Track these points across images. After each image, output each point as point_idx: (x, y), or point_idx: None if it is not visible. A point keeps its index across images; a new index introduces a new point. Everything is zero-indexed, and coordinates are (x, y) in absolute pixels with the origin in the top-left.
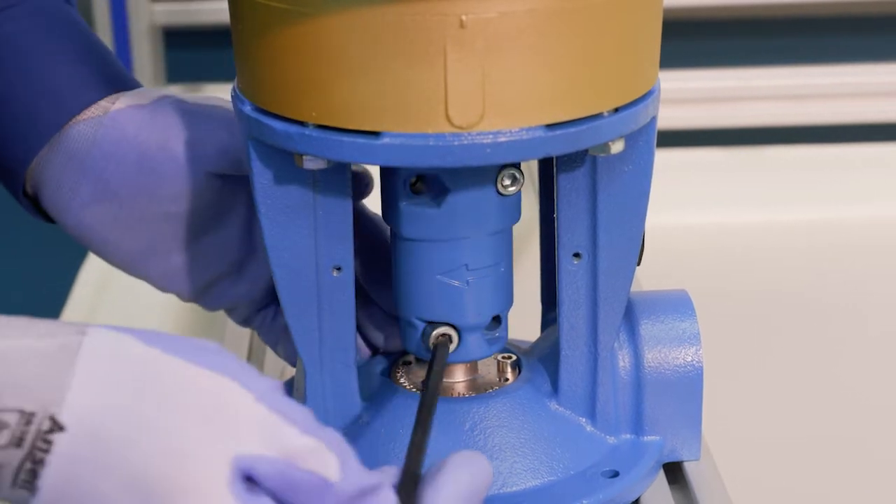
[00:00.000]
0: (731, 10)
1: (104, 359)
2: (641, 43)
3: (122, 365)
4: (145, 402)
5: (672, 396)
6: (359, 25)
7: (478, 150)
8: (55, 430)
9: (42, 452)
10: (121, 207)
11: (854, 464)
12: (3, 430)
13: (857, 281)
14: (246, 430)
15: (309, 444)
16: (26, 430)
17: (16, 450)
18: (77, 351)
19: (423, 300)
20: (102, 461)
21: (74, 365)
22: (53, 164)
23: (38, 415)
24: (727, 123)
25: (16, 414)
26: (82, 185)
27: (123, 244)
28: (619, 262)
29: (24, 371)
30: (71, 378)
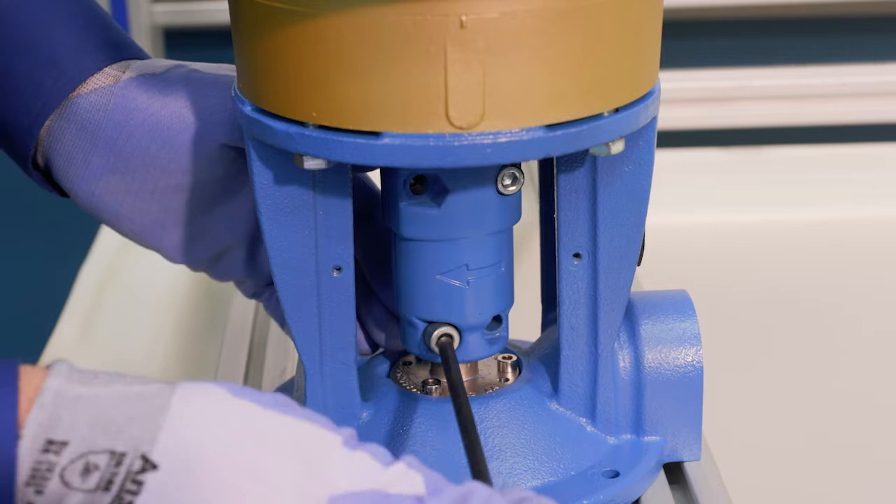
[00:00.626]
0: (730, 10)
1: (196, 403)
2: (642, 43)
3: (214, 410)
4: (239, 444)
5: (672, 397)
6: (359, 25)
7: (478, 151)
8: (147, 469)
9: (131, 495)
10: (133, 178)
11: (855, 464)
12: (92, 472)
13: (857, 281)
14: (337, 471)
15: (395, 470)
16: (116, 471)
17: (103, 494)
18: (170, 395)
19: (423, 300)
20: (196, 500)
21: (168, 407)
22: (64, 134)
23: (129, 455)
24: (727, 123)
25: (106, 455)
26: (94, 156)
27: (135, 216)
28: (619, 263)
29: (116, 413)
30: (164, 419)
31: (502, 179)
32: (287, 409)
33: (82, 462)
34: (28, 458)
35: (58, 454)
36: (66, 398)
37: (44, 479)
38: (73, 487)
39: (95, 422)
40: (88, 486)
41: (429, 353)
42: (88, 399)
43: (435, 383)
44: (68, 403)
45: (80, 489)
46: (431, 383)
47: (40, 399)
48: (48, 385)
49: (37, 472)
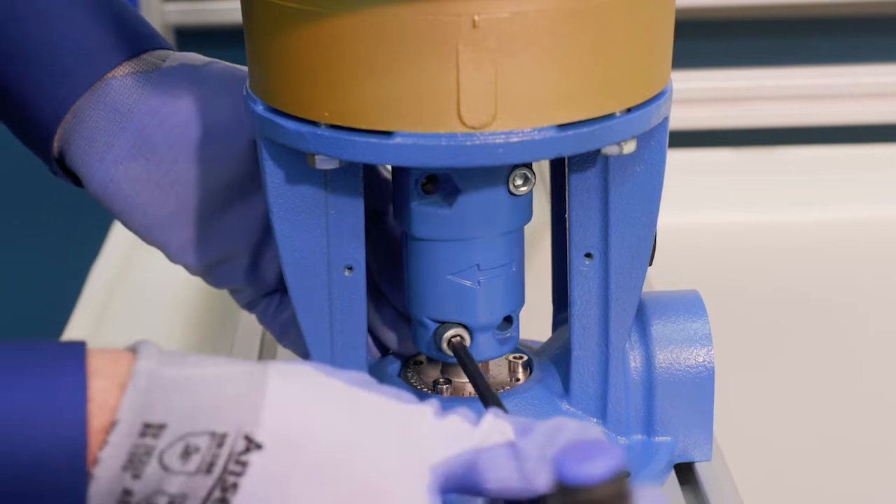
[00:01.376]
0: (742, 11)
1: (293, 383)
2: (654, 43)
3: (310, 388)
4: (338, 423)
5: (683, 397)
6: (371, 25)
7: (490, 151)
8: (251, 450)
9: (235, 476)
10: (157, 167)
11: (866, 464)
12: (192, 455)
13: (869, 281)
14: (433, 441)
15: (485, 425)
16: (218, 453)
17: (205, 477)
18: (265, 375)
19: (434, 300)
20: (303, 477)
21: (265, 386)
22: (90, 115)
23: (231, 436)
24: (739, 124)
25: (206, 437)
26: (120, 139)
27: (150, 207)
28: (630, 263)
29: (213, 394)
30: (263, 399)
31: (514, 179)
32: (374, 386)
33: (182, 444)
34: (126, 441)
35: (156, 437)
36: (160, 381)
37: (142, 462)
38: (173, 471)
39: (193, 404)
40: (189, 468)
41: (439, 353)
42: (183, 381)
43: (446, 383)
44: (163, 386)
45: (180, 472)
46: (442, 383)
47: (134, 382)
48: (140, 367)
49: (134, 455)
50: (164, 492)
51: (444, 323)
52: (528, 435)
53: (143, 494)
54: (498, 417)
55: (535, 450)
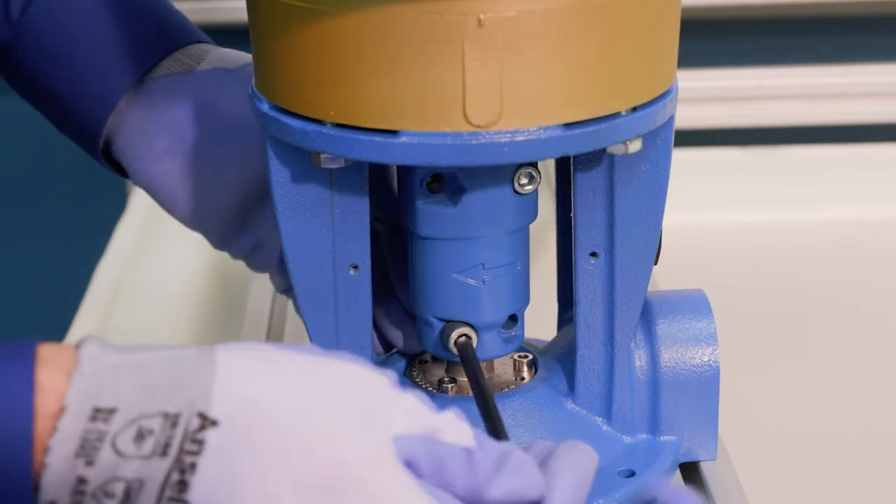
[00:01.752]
0: (747, 10)
1: (243, 356)
2: (660, 42)
3: (262, 361)
4: (293, 391)
5: (689, 396)
6: (377, 24)
7: (495, 150)
8: (206, 427)
9: (192, 456)
10: (195, 166)
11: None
12: (146, 438)
13: (873, 281)
14: (393, 412)
15: (445, 417)
16: (172, 433)
17: (160, 459)
18: (212, 352)
19: (439, 299)
20: (261, 453)
21: (214, 363)
22: (131, 115)
23: (184, 415)
24: (743, 123)
25: (159, 418)
26: (158, 139)
27: (190, 202)
28: (635, 262)
29: (162, 374)
30: (213, 375)
31: (519, 178)
32: (328, 353)
33: (134, 428)
34: (76, 426)
35: (107, 422)
36: (106, 365)
37: (94, 448)
38: (127, 455)
39: (142, 385)
40: (144, 452)
41: (445, 352)
42: (130, 364)
43: (451, 382)
44: (110, 370)
45: (135, 456)
46: (447, 382)
47: (80, 368)
48: (85, 354)
49: (86, 441)
50: (119, 478)
51: (449, 321)
52: (485, 448)
53: (98, 482)
54: (460, 418)
55: (488, 464)
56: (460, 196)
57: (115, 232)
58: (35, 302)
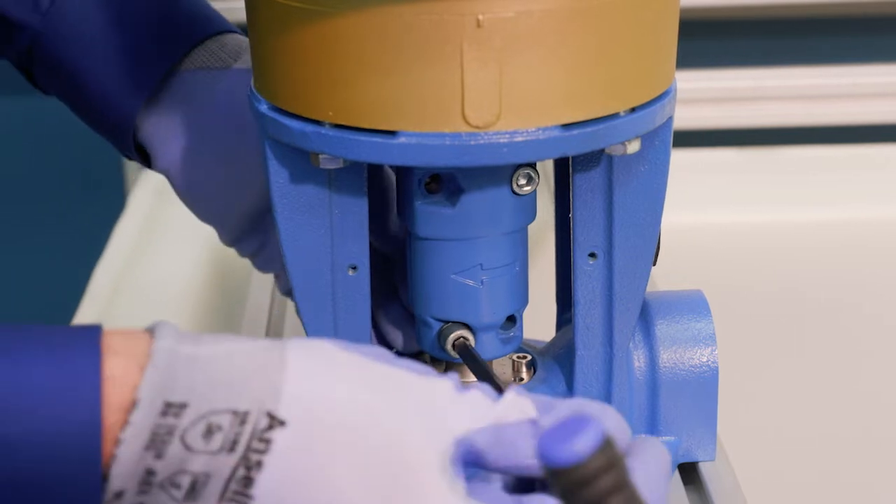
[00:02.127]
0: (745, 11)
1: (312, 357)
2: (658, 43)
3: (329, 363)
4: (359, 396)
5: (687, 397)
6: (376, 25)
7: (494, 150)
8: (274, 427)
9: (259, 454)
10: (222, 165)
11: (871, 464)
12: (215, 433)
13: (871, 281)
14: (455, 413)
15: (506, 401)
16: (240, 431)
17: (228, 455)
18: (284, 350)
19: (437, 299)
20: (328, 453)
21: (285, 361)
22: (164, 102)
23: (254, 413)
24: (741, 123)
25: (228, 415)
26: (190, 131)
27: (211, 201)
28: (634, 262)
29: (233, 371)
30: (283, 375)
31: (517, 179)
32: (394, 360)
33: (204, 423)
34: (147, 421)
35: (177, 416)
36: (179, 359)
37: (164, 442)
38: (196, 450)
39: (213, 381)
40: (212, 447)
41: (443, 353)
42: (203, 359)
43: None
44: (183, 364)
45: (203, 451)
46: None
47: (153, 361)
48: (159, 346)
49: (156, 435)
50: (187, 471)
51: (447, 322)
52: (550, 413)
53: (165, 473)
54: (519, 395)
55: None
56: (459, 196)
57: (114, 231)
58: (34, 301)
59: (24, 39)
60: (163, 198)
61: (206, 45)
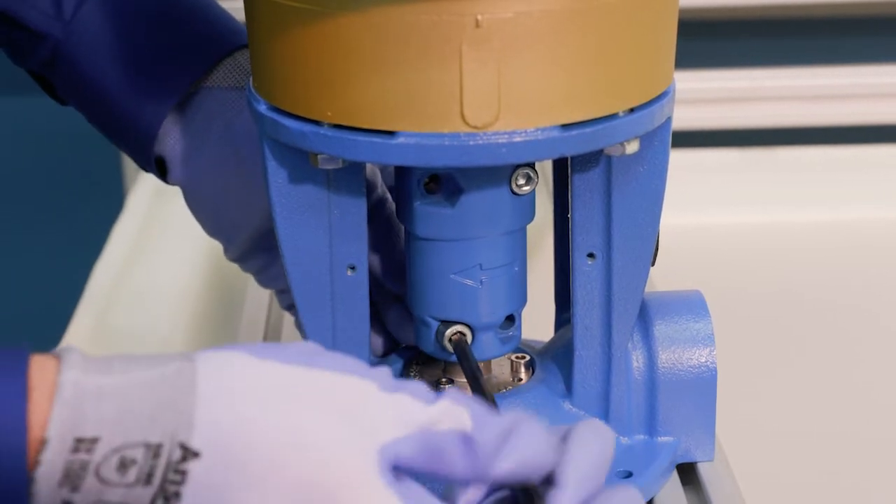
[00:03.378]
0: (743, 11)
1: (223, 377)
2: (657, 43)
3: (242, 380)
4: (275, 412)
5: (686, 397)
6: (375, 25)
7: (493, 150)
8: (188, 458)
9: (175, 485)
10: (237, 181)
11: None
12: (129, 467)
13: (870, 282)
14: (381, 419)
15: (439, 408)
16: (155, 463)
17: (144, 487)
18: (193, 373)
19: (436, 299)
20: (245, 481)
21: (195, 387)
22: (188, 116)
23: (166, 445)
24: (741, 124)
25: (141, 448)
26: (213, 146)
27: (221, 212)
28: (633, 263)
29: (143, 402)
30: (194, 399)
31: (516, 179)
32: (314, 359)
33: (117, 458)
34: (59, 458)
35: (90, 452)
36: (86, 392)
37: (78, 477)
38: (112, 483)
39: (123, 413)
40: (128, 480)
41: (442, 352)
42: (110, 390)
43: (448, 382)
44: (90, 397)
45: (119, 484)
46: (444, 382)
47: (60, 395)
48: (65, 379)
49: (70, 471)
50: (105, 501)
51: (446, 322)
52: (484, 429)
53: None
54: (455, 403)
55: (490, 444)
56: (458, 197)
57: (112, 233)
58: (32, 302)
59: (46, 49)
60: (161, 198)
61: (234, 57)
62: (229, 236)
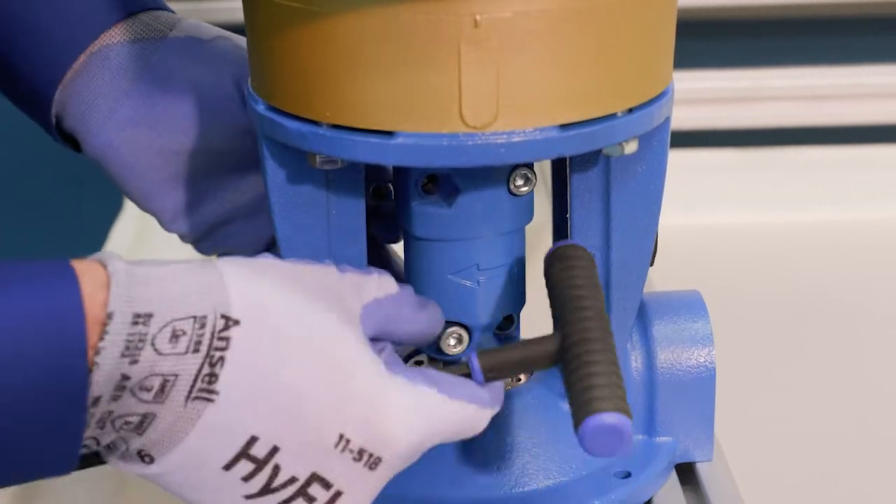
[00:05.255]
0: (745, 11)
1: (239, 265)
2: (656, 43)
3: (254, 269)
4: (291, 292)
5: (685, 397)
6: (373, 25)
7: (491, 151)
8: (230, 326)
9: (220, 351)
10: (158, 135)
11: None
12: (179, 338)
13: (872, 282)
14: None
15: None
16: (202, 333)
17: (193, 356)
18: (214, 264)
19: (434, 299)
20: (278, 344)
21: (221, 271)
22: (93, 80)
23: (210, 317)
24: (741, 124)
25: (189, 320)
26: (124, 106)
27: (148, 172)
28: (631, 263)
29: (183, 284)
30: (224, 280)
31: (514, 180)
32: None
33: (169, 329)
34: (121, 330)
35: (146, 325)
36: (136, 277)
37: (137, 349)
38: (165, 353)
39: (169, 294)
40: (179, 350)
41: (440, 353)
42: (154, 276)
43: None
44: (140, 281)
45: (171, 354)
46: None
47: (116, 280)
48: (116, 268)
49: (130, 343)
50: (156, 373)
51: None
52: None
53: (138, 377)
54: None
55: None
56: (456, 197)
57: (110, 233)
58: None
59: None
60: None
61: (139, 17)
62: (156, 199)
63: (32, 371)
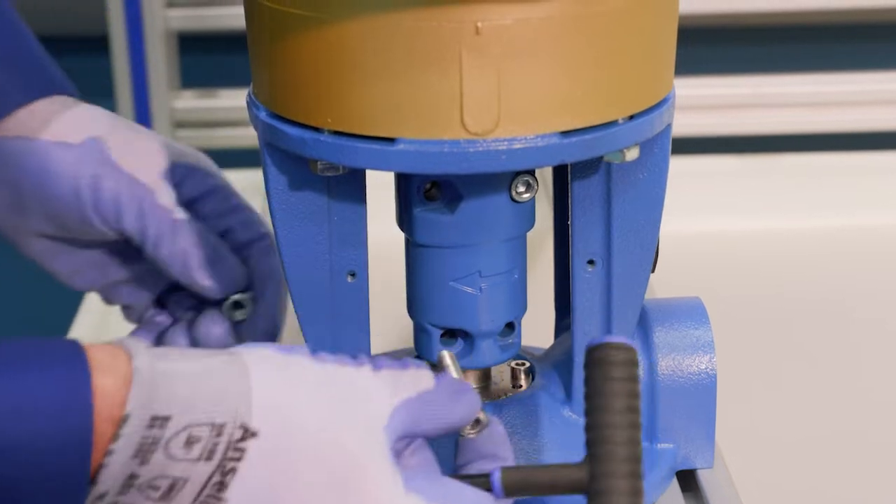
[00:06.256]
0: (745, 18)
1: (268, 366)
2: (657, 50)
3: (281, 370)
4: (316, 394)
5: (686, 404)
6: (375, 32)
7: (493, 157)
8: (247, 437)
9: (233, 462)
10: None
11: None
12: (194, 444)
13: (871, 288)
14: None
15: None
16: (217, 441)
17: (206, 463)
18: (243, 363)
19: (436, 306)
20: (294, 459)
21: (248, 374)
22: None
23: (229, 425)
24: (742, 131)
25: (207, 427)
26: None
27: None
28: (633, 270)
29: (206, 385)
30: (250, 386)
31: (516, 186)
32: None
33: (185, 434)
34: (136, 433)
35: (162, 428)
36: (159, 375)
37: (149, 451)
38: (177, 458)
39: (192, 395)
40: (192, 456)
41: None
42: (179, 374)
43: None
44: (163, 380)
45: (183, 459)
46: None
47: (138, 378)
48: (140, 364)
49: (143, 446)
50: (167, 475)
51: (446, 329)
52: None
53: (147, 477)
54: (423, 370)
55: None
56: (457, 204)
57: None
58: (33, 304)
59: None
60: None
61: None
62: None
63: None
